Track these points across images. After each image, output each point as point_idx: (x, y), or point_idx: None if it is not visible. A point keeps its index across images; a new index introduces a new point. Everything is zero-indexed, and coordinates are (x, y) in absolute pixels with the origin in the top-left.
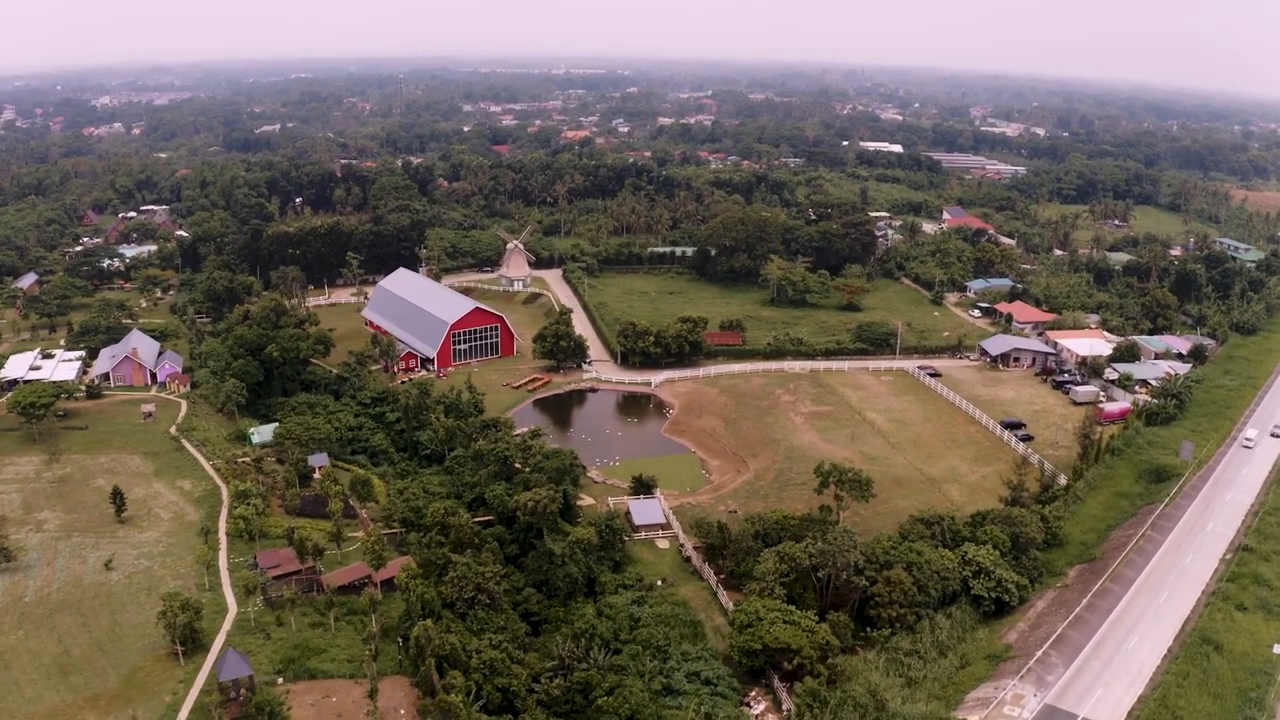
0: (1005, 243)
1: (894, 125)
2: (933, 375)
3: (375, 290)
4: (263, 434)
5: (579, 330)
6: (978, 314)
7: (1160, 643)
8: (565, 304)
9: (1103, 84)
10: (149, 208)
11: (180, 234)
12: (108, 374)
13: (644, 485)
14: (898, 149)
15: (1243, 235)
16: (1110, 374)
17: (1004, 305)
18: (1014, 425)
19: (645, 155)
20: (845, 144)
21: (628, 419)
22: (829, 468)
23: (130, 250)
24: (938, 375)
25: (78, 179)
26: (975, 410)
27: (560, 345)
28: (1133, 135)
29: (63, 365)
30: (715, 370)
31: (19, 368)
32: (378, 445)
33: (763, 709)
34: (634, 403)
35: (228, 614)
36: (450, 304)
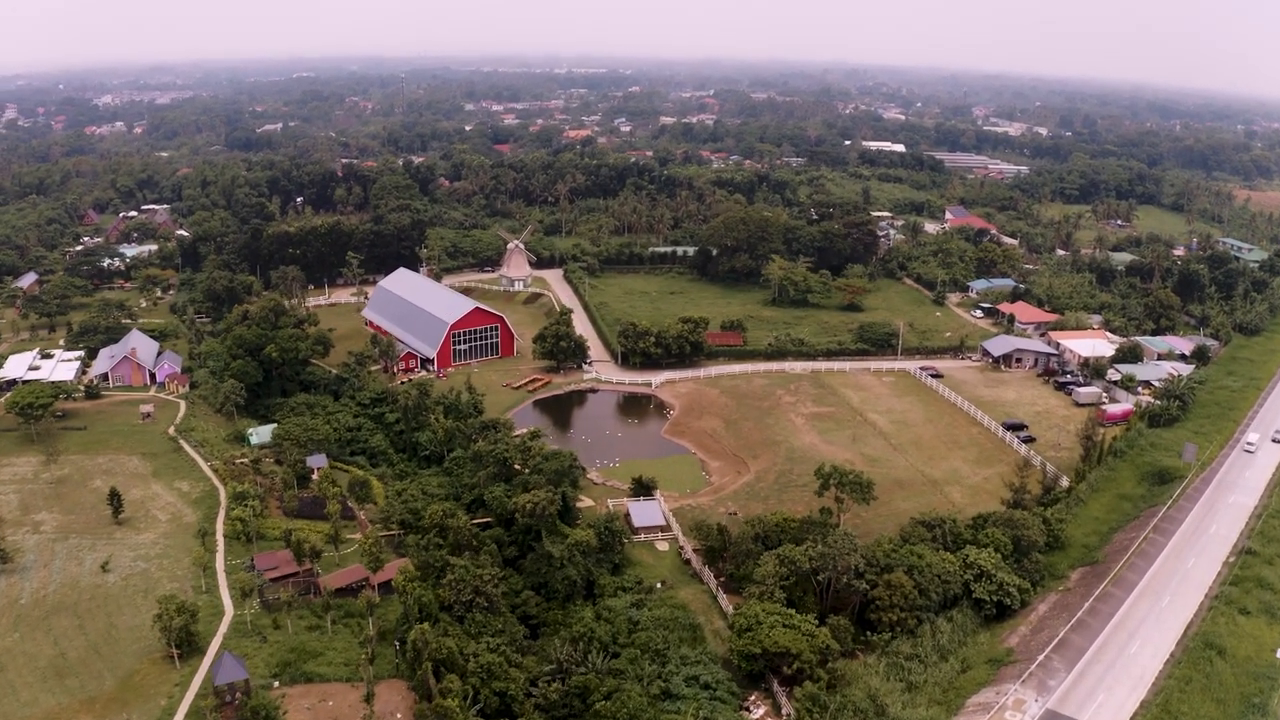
0: (1007, 243)
1: (896, 125)
2: (935, 376)
3: (375, 290)
4: (261, 435)
5: (579, 330)
6: (980, 314)
7: (1163, 647)
8: (566, 304)
9: (1105, 83)
10: (150, 207)
11: (181, 233)
12: (107, 374)
13: (644, 487)
14: (900, 148)
15: (1246, 235)
16: (1113, 375)
17: (1006, 306)
18: (1016, 427)
19: (647, 155)
20: (847, 143)
21: (628, 420)
22: (829, 470)
23: (131, 250)
24: (939, 376)
25: (79, 178)
26: (977, 411)
27: (560, 345)
28: (1135, 135)
29: (62, 365)
30: (716, 371)
31: (18, 368)
32: (377, 446)
33: (762, 713)
34: (634, 403)
35: (224, 616)
36: (450, 304)
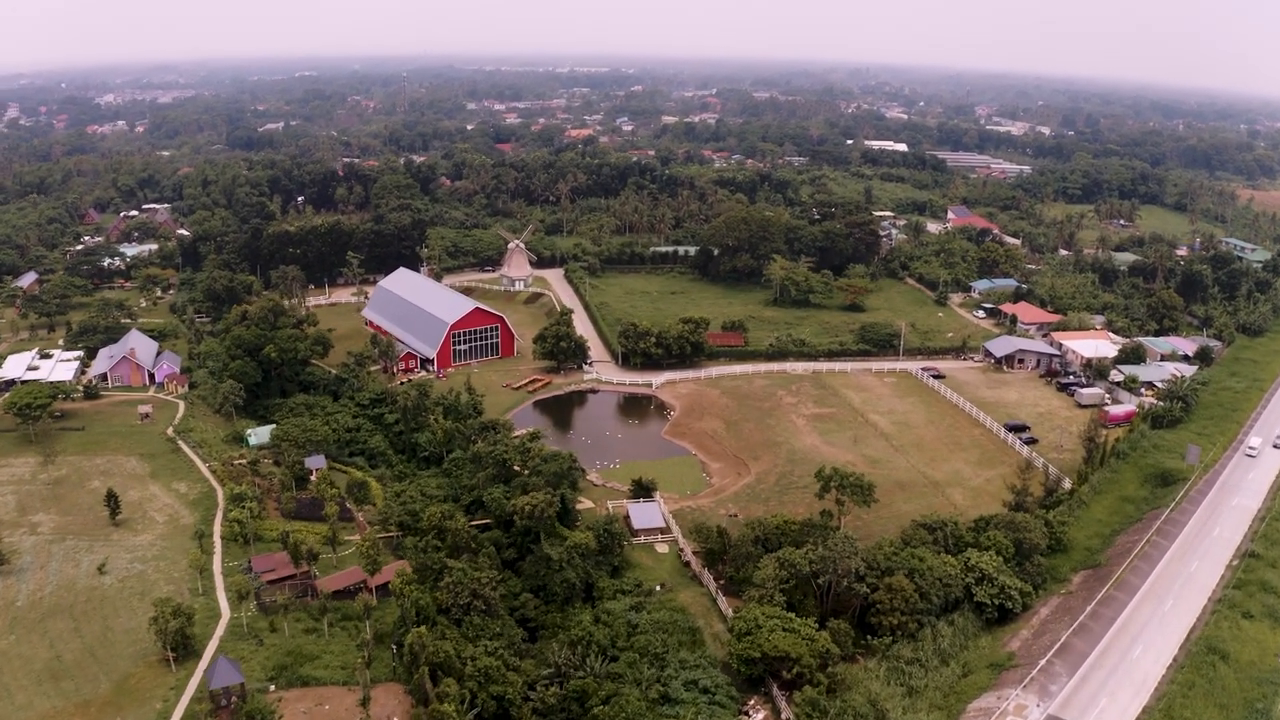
0: (1010, 242)
1: (899, 124)
2: (936, 377)
3: (375, 290)
4: (260, 436)
5: (580, 331)
6: (982, 315)
7: (1165, 652)
8: (567, 304)
9: (1108, 83)
10: (151, 206)
11: (181, 233)
12: (105, 374)
13: (644, 488)
14: (902, 148)
15: (1249, 235)
16: (1115, 376)
17: (1008, 306)
18: (1018, 428)
19: (649, 154)
20: (850, 143)
21: (628, 421)
22: (830, 472)
23: (131, 249)
24: (941, 377)
25: (80, 177)
26: (979, 413)
27: (561, 346)
28: (1138, 134)
29: (61, 365)
30: (717, 371)
31: (16, 368)
32: (376, 447)
33: (761, 718)
34: (635, 404)
35: (221, 619)
36: (450, 304)
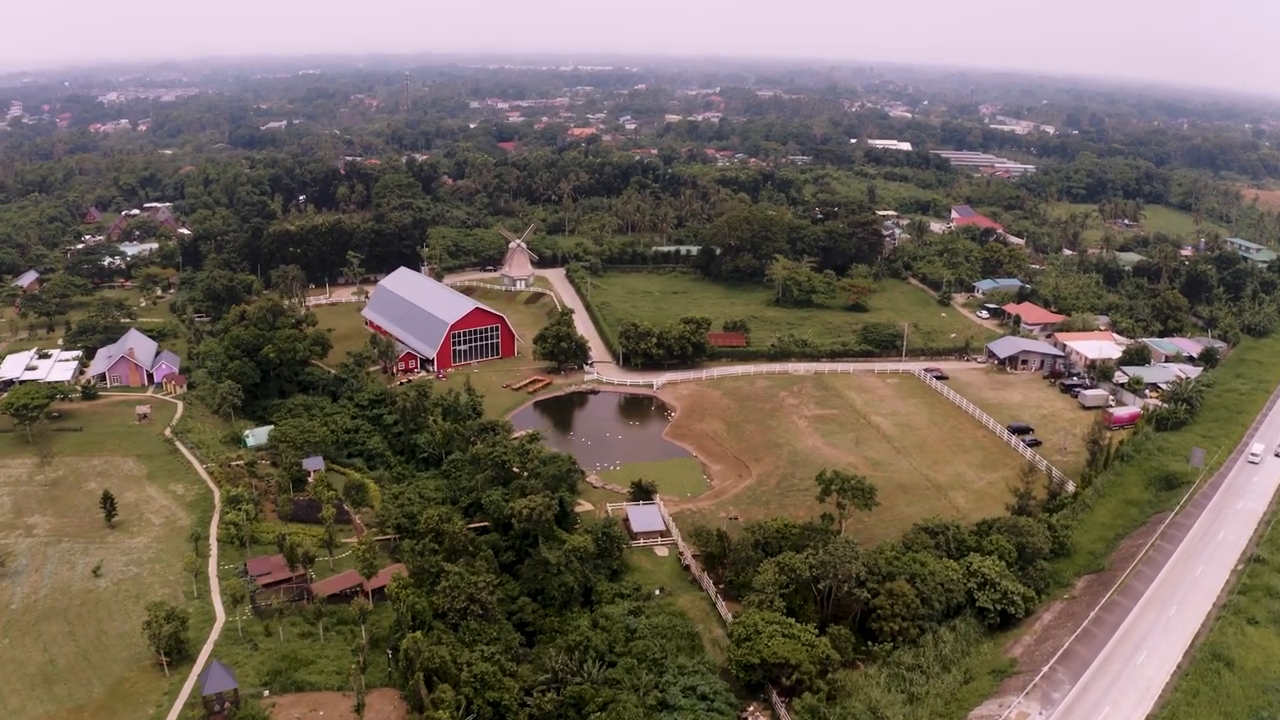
0: (1014, 242)
1: (903, 123)
2: (939, 378)
3: (375, 290)
4: (258, 437)
5: (581, 331)
6: (986, 315)
7: (1169, 658)
8: (568, 304)
9: (1112, 82)
10: (152, 205)
11: (182, 232)
12: (104, 374)
13: (643, 491)
14: (906, 147)
15: (1254, 235)
16: (1120, 377)
17: (1012, 306)
18: (1022, 430)
19: (652, 153)
20: (853, 142)
21: (629, 422)
22: (831, 475)
23: (132, 248)
24: (944, 378)
25: (81, 176)
26: (982, 414)
27: (561, 346)
28: (1143, 134)
29: (59, 365)
30: (718, 372)
31: (15, 367)
32: (374, 448)
33: None
34: (635, 405)
35: (216, 623)
36: (451, 304)
